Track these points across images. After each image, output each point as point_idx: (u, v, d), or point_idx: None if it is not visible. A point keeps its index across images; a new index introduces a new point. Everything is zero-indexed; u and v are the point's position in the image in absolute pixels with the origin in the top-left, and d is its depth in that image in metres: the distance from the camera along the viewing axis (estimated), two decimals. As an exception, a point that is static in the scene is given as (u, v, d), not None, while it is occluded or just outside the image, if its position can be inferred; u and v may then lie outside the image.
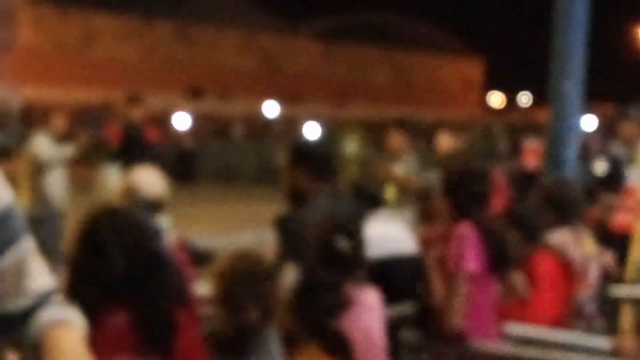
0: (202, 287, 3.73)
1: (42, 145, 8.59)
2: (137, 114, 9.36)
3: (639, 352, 3.98)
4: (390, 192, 7.07)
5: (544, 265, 4.61)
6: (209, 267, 3.34)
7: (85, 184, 9.95)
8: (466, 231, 4.08)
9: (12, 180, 8.35)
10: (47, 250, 2.34)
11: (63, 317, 1.93)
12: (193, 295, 3.51)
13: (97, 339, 2.40)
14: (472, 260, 4.04)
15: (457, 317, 4.02)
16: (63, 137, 8.93)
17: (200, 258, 4.68)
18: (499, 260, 4.17)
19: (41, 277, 2.00)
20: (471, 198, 4.18)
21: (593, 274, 4.88)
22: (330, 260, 3.59)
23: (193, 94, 41.08)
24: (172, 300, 2.87)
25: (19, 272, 1.96)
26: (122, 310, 2.77)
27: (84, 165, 10.33)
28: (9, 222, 1.95)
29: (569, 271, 4.70)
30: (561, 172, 5.39)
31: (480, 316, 4.13)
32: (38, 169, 8.45)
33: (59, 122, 8.96)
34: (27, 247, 1.99)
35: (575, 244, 4.76)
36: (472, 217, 4.13)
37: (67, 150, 8.81)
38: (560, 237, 4.71)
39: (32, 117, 11.28)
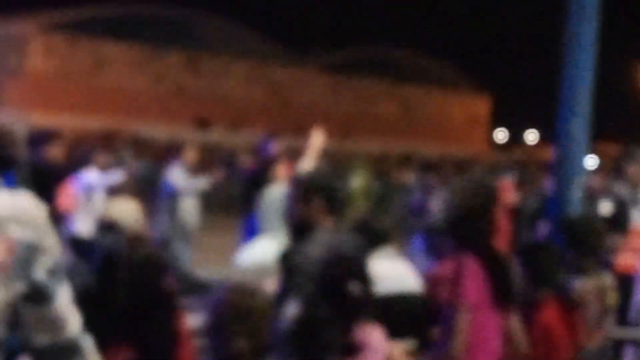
0: (198, 319, 3.69)
1: (177, 176, 9.29)
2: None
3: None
4: None
5: (551, 313, 4.49)
6: (206, 298, 3.31)
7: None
8: (468, 263, 4.03)
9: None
10: (177, 271, 2.47)
11: None
12: (187, 328, 3.48)
13: None
14: (472, 291, 3.99)
15: (459, 350, 3.96)
16: (195, 170, 9.64)
17: (197, 289, 4.64)
18: (502, 294, 4.11)
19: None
20: (474, 232, 4.14)
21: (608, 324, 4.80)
22: (339, 303, 3.55)
23: (200, 124, 41.15)
24: (172, 337, 2.85)
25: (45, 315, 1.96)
26: (127, 347, 2.75)
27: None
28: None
29: (577, 321, 4.58)
30: (566, 212, 5.34)
31: (484, 349, 4.06)
32: (174, 197, 9.32)
33: (191, 155, 9.68)
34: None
35: (598, 295, 4.65)
36: (476, 250, 4.09)
37: (202, 183, 9.49)
38: (584, 288, 4.58)
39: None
